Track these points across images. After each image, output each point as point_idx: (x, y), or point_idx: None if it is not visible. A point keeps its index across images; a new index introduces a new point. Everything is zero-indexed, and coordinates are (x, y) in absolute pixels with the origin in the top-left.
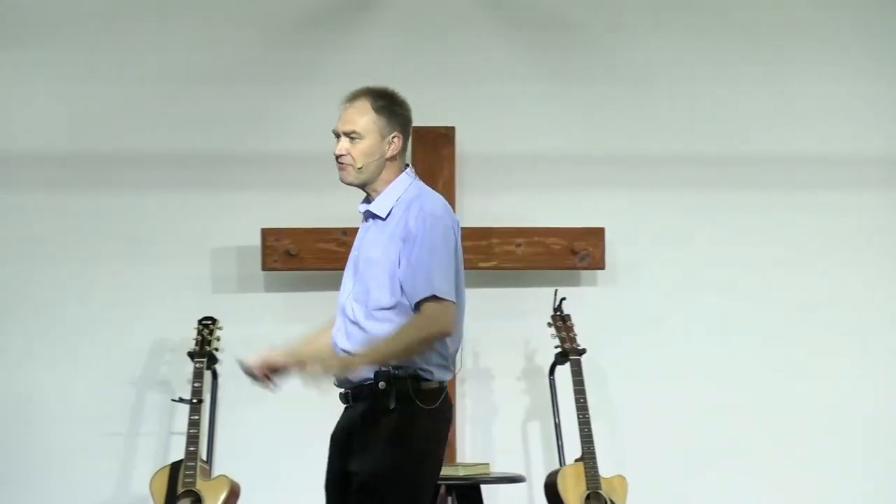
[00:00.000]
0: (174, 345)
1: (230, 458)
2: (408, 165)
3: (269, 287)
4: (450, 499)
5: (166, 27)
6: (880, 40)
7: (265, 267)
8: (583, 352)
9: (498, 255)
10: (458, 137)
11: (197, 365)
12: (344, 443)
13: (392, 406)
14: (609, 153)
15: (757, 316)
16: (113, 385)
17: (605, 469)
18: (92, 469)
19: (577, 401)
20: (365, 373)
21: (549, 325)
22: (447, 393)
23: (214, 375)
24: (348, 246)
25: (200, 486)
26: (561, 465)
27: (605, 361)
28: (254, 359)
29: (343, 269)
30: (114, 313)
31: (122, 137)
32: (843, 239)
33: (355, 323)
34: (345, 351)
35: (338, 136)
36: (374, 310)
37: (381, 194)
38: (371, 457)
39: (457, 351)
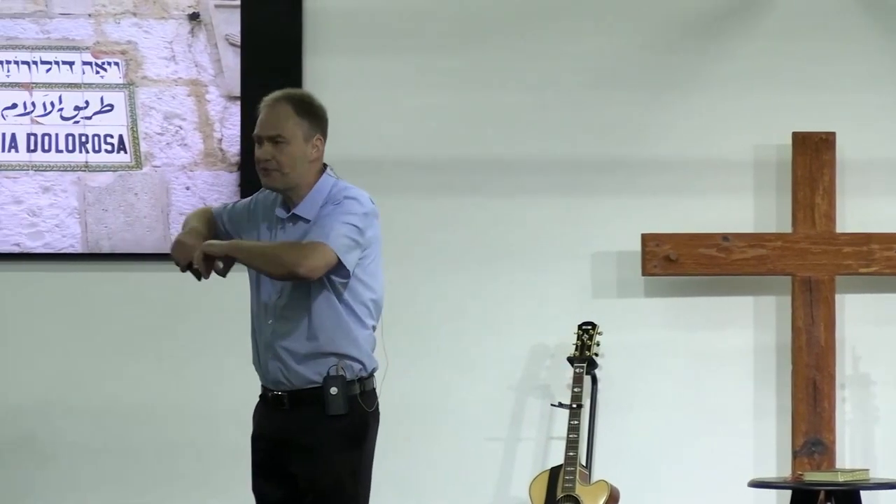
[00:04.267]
0: (554, 349)
1: (610, 464)
2: (326, 165)
3: (649, 292)
4: None
5: (546, 33)
6: None
7: (645, 272)
8: None
9: (878, 260)
10: (839, 143)
11: (577, 370)
12: (282, 444)
13: (344, 412)
14: None
15: None
16: (494, 389)
17: None
18: (473, 472)
19: None
20: (311, 376)
21: None
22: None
23: (594, 380)
24: (729, 251)
25: (580, 490)
26: None
27: None
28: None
29: (724, 275)
30: (495, 317)
31: (506, 143)
32: None
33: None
34: (284, 348)
35: (259, 140)
36: None
37: (307, 198)
38: (326, 463)
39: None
